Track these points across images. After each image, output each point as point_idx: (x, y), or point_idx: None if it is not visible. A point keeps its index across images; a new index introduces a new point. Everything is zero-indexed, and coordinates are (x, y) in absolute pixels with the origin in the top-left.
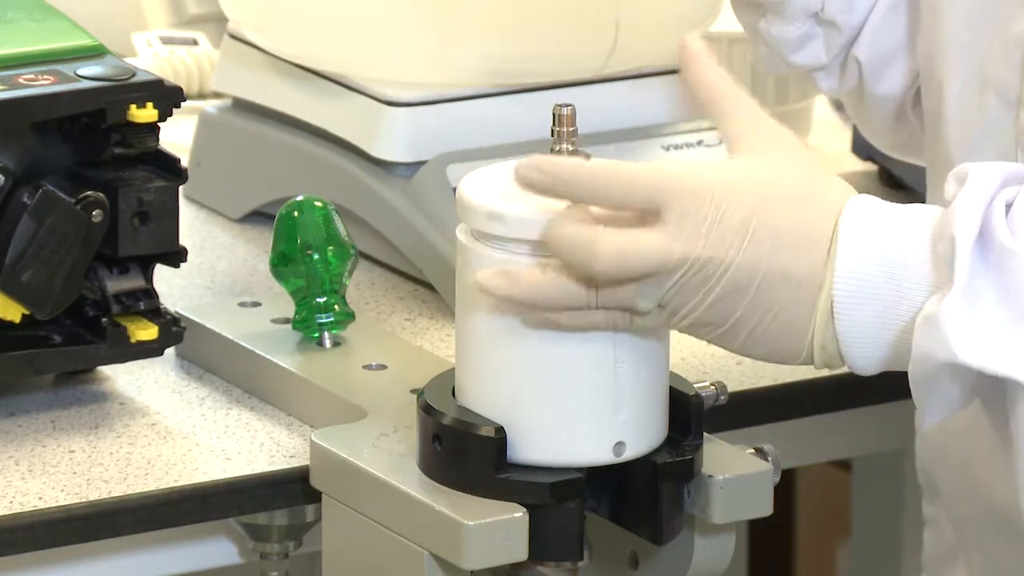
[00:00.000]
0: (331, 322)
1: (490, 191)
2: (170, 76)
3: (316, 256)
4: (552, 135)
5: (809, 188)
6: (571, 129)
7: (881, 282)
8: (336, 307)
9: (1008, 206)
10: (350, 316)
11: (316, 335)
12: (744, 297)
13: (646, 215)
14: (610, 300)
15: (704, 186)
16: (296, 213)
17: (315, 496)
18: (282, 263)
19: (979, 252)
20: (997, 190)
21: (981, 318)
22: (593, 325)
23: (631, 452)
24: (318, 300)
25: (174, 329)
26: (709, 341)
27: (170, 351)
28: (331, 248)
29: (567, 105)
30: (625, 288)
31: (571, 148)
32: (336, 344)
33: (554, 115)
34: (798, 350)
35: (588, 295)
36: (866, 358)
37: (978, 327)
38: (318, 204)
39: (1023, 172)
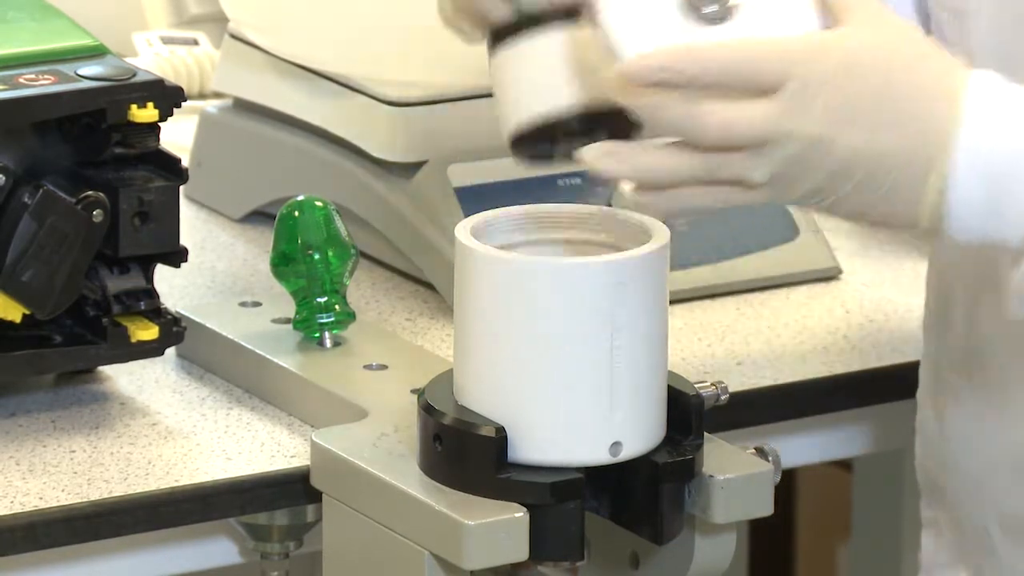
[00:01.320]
0: (332, 322)
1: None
2: (171, 76)
3: (317, 256)
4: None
5: (928, 63)
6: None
7: (1003, 167)
8: (337, 307)
9: None
10: (351, 316)
11: (317, 335)
12: (856, 176)
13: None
14: (721, 172)
15: (829, 60)
16: (297, 213)
17: (316, 496)
18: (283, 263)
19: None
20: None
21: None
22: (704, 204)
23: (628, 452)
24: (319, 300)
25: (175, 329)
26: (816, 211)
27: (171, 351)
28: (332, 248)
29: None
30: (736, 158)
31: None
32: (337, 344)
33: None
34: (904, 224)
35: (696, 166)
36: (968, 231)
37: None
38: (319, 204)
39: None
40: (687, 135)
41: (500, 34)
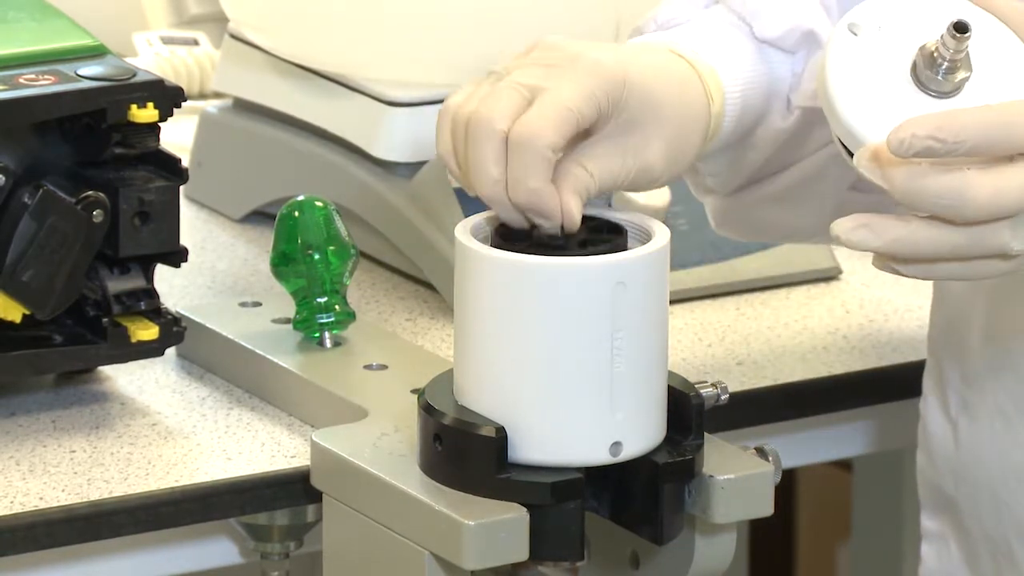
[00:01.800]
0: (332, 322)
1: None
2: (171, 76)
3: (317, 256)
4: (940, 62)
5: None
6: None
7: None
8: (337, 307)
9: None
10: (351, 316)
11: (317, 335)
12: None
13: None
14: (981, 246)
15: None
16: (297, 213)
17: (316, 496)
18: (283, 263)
19: None
20: None
21: None
22: (961, 276)
23: (628, 452)
24: (319, 300)
25: (175, 329)
26: None
27: (171, 351)
28: (332, 248)
29: (961, 32)
30: (999, 228)
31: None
32: (337, 344)
33: (946, 37)
34: None
35: (958, 241)
36: None
37: None
38: (319, 204)
39: None
40: (953, 209)
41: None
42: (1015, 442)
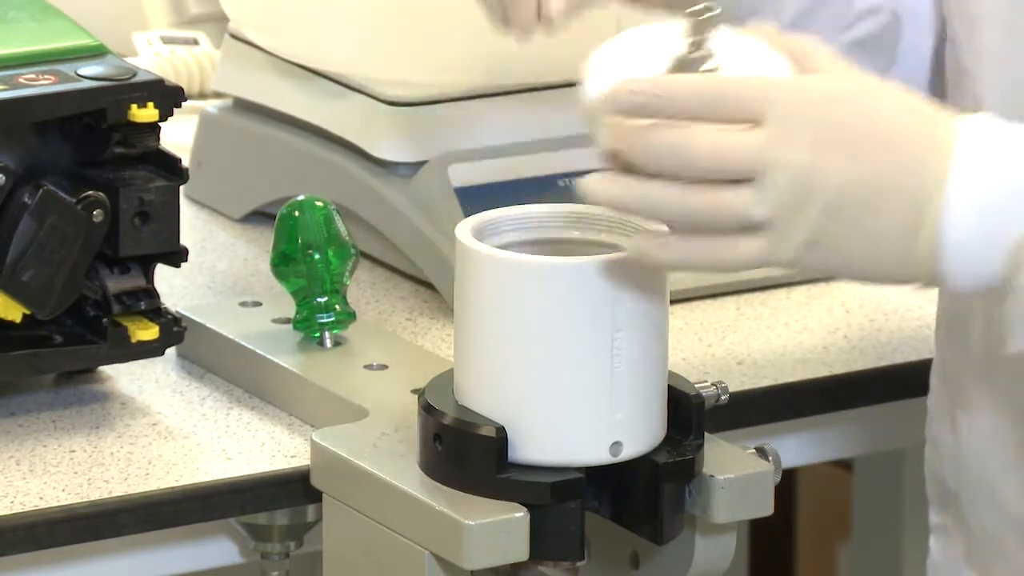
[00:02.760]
0: (332, 322)
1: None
2: (171, 76)
3: (317, 256)
4: (690, 47)
5: (915, 107)
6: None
7: (1000, 197)
8: (337, 307)
9: None
10: (351, 316)
11: (317, 335)
12: (849, 211)
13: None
14: (718, 207)
15: (812, 93)
16: (297, 213)
17: (316, 496)
18: (283, 263)
19: None
20: None
21: None
22: (705, 258)
23: (628, 452)
24: (319, 300)
25: (175, 329)
26: (814, 273)
27: (171, 351)
28: (332, 248)
29: (701, 10)
30: (733, 192)
31: (710, 63)
32: (337, 344)
33: (691, 21)
34: (905, 269)
35: (692, 199)
36: (970, 275)
37: None
38: (319, 204)
39: None
40: (678, 160)
41: None
42: (1010, 438)
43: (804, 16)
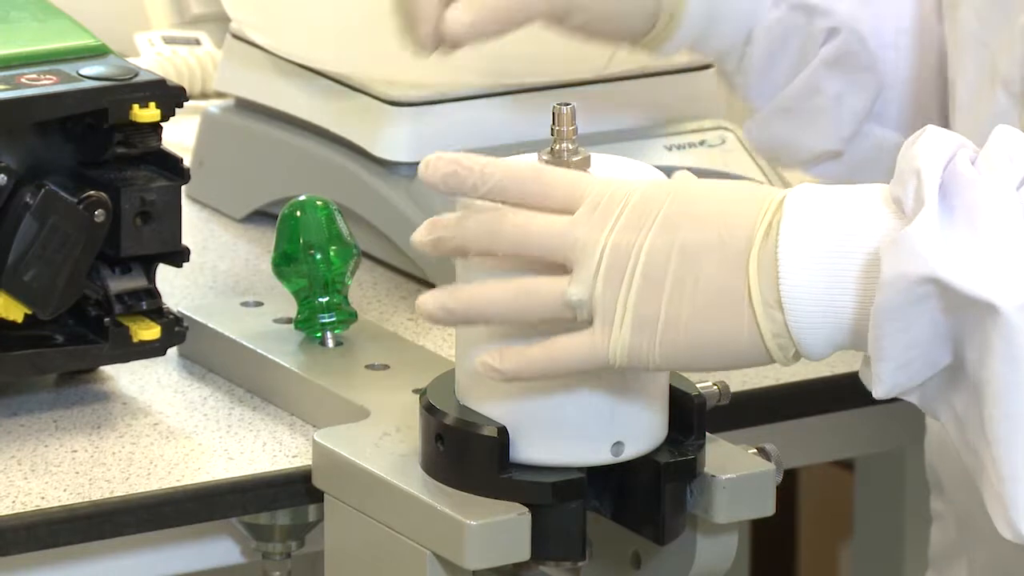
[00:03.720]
0: (333, 322)
1: None
2: (172, 76)
3: (318, 256)
4: (552, 134)
5: (739, 186)
6: (571, 128)
7: (828, 230)
8: (339, 307)
9: (971, 161)
10: (352, 316)
11: (319, 335)
12: (667, 276)
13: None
14: (531, 298)
15: (624, 185)
16: (298, 213)
17: (317, 496)
18: (284, 263)
19: (946, 185)
20: (957, 145)
21: (954, 240)
22: (531, 363)
23: (630, 452)
24: (320, 300)
25: (176, 329)
26: (659, 367)
27: (172, 351)
28: (333, 248)
29: (566, 104)
30: (547, 281)
31: (572, 147)
32: (339, 344)
33: (554, 114)
34: (742, 333)
35: (508, 292)
36: (812, 327)
37: (952, 248)
38: (320, 204)
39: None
40: (487, 238)
41: None
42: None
43: (775, 45)
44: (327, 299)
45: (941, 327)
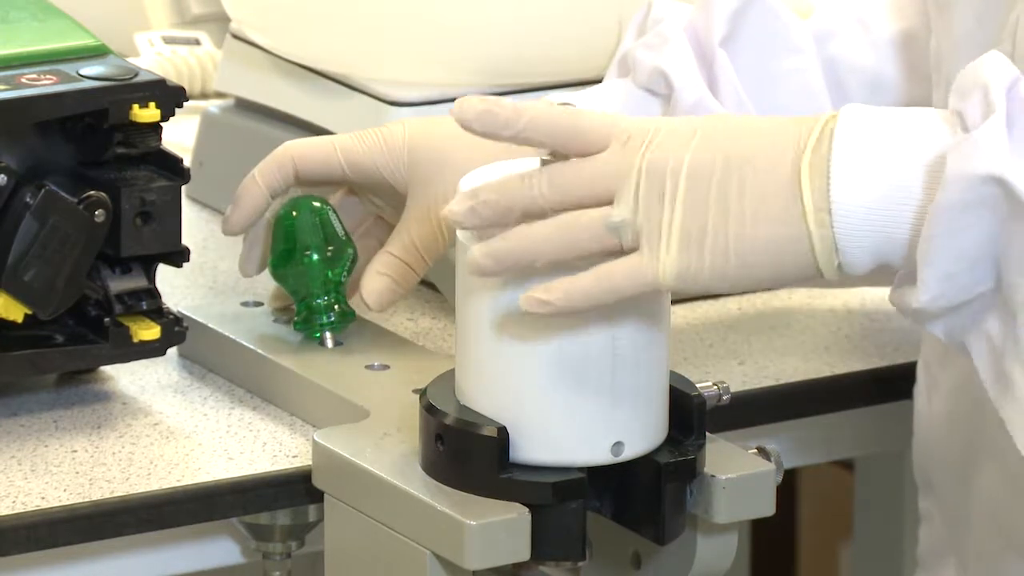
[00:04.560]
0: (332, 322)
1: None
2: (172, 76)
3: (315, 256)
4: None
5: (778, 117)
6: None
7: (884, 140)
8: (337, 307)
9: None
10: (351, 315)
11: (317, 335)
12: (711, 189)
13: None
14: (576, 228)
15: (653, 119)
16: (293, 213)
17: (318, 496)
18: (281, 264)
19: (1010, 106)
20: (1020, 71)
21: (1021, 149)
22: (581, 291)
23: (630, 452)
24: (318, 301)
25: (176, 329)
26: (707, 285)
27: (172, 351)
28: (330, 248)
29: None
30: (590, 212)
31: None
32: (338, 344)
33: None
34: (790, 241)
35: (552, 231)
36: (859, 236)
37: (1019, 154)
38: (315, 204)
39: None
40: (527, 199)
41: None
42: (971, 419)
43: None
44: (325, 300)
45: (990, 243)
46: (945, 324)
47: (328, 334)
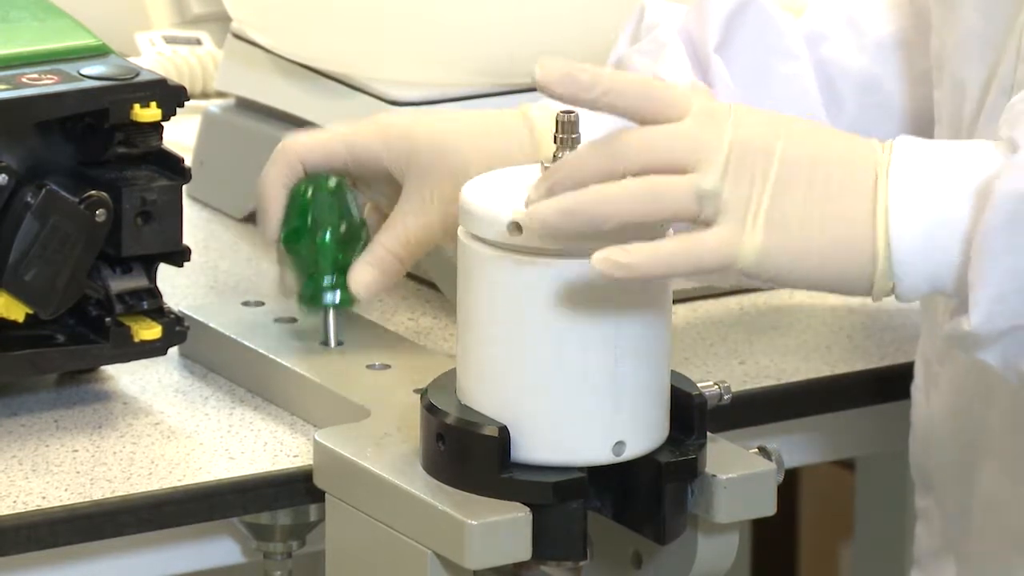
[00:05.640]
0: (337, 303)
1: (499, 199)
2: (173, 75)
3: (328, 237)
4: (555, 142)
5: (836, 131)
6: (574, 136)
7: (937, 171)
8: (344, 287)
9: None
10: (353, 299)
11: (319, 309)
12: (801, 181)
13: None
14: (660, 193)
15: (725, 104)
16: (310, 190)
17: (318, 496)
18: (293, 239)
19: None
20: None
21: None
22: (663, 259)
23: (631, 451)
24: (326, 279)
25: (177, 328)
26: (780, 272)
27: (173, 351)
28: (343, 227)
29: (570, 112)
30: (674, 178)
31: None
32: (339, 344)
33: (557, 122)
34: (866, 248)
35: (630, 190)
36: (914, 262)
37: None
38: (332, 184)
39: None
40: (607, 164)
41: None
42: (972, 416)
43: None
44: (332, 279)
45: None
46: (1001, 350)
47: (331, 332)
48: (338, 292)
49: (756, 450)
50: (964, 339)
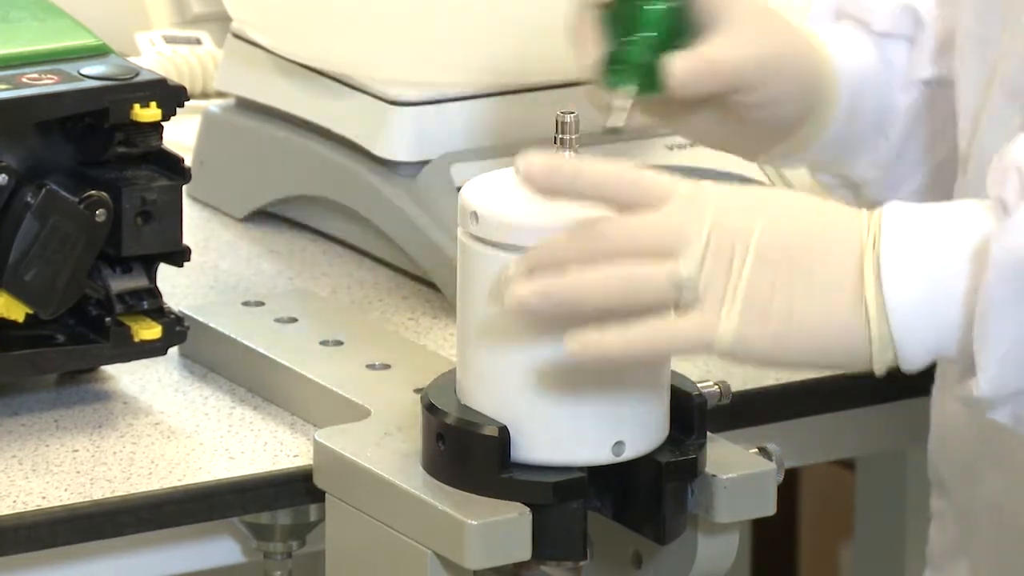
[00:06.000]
0: (642, 83)
1: (497, 199)
2: (173, 75)
3: (658, 5)
4: (555, 142)
5: (824, 201)
6: (574, 136)
7: (928, 238)
8: (654, 70)
9: None
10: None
11: (622, 84)
12: (779, 264)
13: None
14: (637, 281)
15: (708, 184)
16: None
17: (318, 495)
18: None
19: None
20: None
21: None
22: (634, 342)
23: (631, 452)
24: (621, 41)
25: (177, 328)
26: (762, 356)
27: (173, 350)
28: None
29: (570, 112)
30: (651, 266)
31: (575, 156)
32: (339, 344)
33: (557, 122)
34: (853, 330)
35: (607, 277)
36: (915, 332)
37: None
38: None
39: None
40: (588, 251)
41: None
42: (986, 419)
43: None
44: (654, 49)
45: None
46: (1012, 409)
47: (620, 117)
48: (626, 67)
49: (756, 450)
50: (974, 401)
